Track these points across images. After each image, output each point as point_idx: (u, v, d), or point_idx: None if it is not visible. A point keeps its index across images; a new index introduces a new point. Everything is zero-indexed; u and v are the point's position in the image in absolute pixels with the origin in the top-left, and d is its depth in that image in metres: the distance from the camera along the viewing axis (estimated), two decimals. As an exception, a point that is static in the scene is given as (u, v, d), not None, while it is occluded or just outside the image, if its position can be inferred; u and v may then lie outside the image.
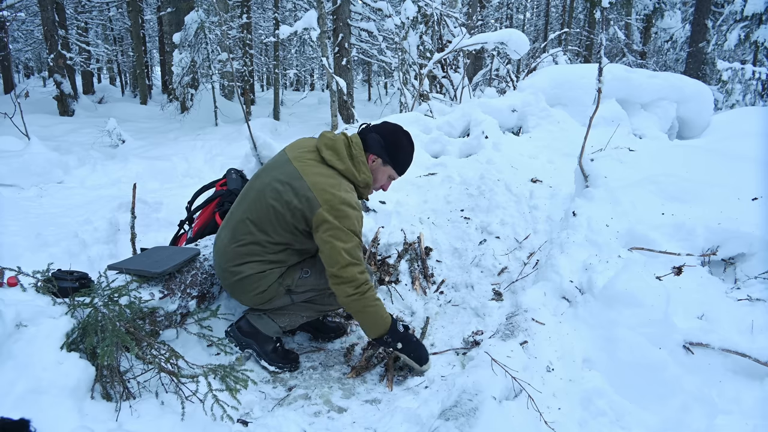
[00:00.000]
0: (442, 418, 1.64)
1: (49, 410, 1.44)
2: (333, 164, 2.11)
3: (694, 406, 1.66)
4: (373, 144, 2.19)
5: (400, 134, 2.24)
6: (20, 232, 3.66)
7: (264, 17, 21.17)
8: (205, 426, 1.70)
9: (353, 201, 2.07)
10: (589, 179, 2.74)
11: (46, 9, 10.98)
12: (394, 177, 2.30)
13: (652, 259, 2.20)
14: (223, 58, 10.61)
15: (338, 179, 2.09)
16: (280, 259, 2.15)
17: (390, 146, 2.21)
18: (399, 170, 2.28)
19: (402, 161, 2.26)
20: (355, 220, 2.04)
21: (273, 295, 2.18)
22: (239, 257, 2.11)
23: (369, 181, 2.18)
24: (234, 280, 2.14)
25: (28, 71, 26.40)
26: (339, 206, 2.01)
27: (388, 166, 2.24)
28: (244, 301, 2.24)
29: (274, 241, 2.10)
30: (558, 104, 4.86)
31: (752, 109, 4.73)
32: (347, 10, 9.86)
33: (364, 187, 2.19)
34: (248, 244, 2.11)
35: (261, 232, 2.09)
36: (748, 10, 10.29)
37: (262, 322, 2.24)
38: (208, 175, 5.62)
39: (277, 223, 2.07)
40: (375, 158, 2.21)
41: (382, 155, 2.20)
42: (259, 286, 2.14)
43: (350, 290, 2.03)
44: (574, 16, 19.60)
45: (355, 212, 2.06)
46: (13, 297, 1.68)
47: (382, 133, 2.22)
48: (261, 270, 2.12)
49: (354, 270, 2.02)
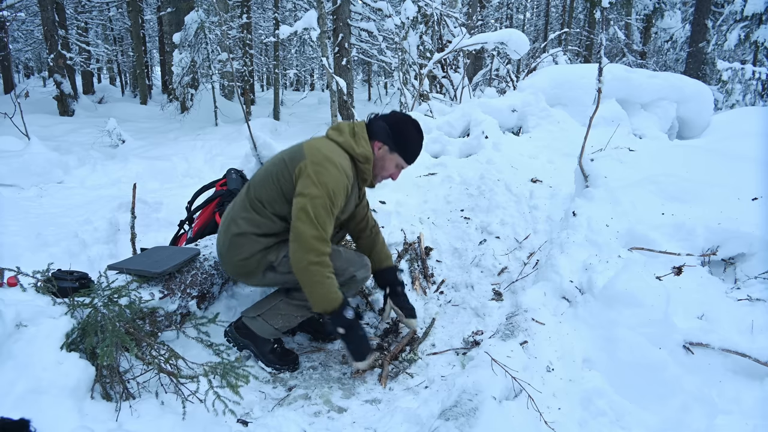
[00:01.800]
0: (442, 418, 1.64)
1: (49, 410, 1.44)
2: (332, 138, 2.17)
3: (694, 406, 1.66)
4: (378, 131, 2.19)
5: (407, 122, 2.23)
6: (20, 232, 3.66)
7: (264, 17, 21.17)
8: (205, 426, 1.70)
9: (340, 164, 2.05)
10: (589, 179, 2.74)
11: (46, 9, 10.98)
12: (403, 165, 2.27)
13: (652, 259, 2.20)
14: (223, 58, 10.61)
15: (334, 146, 2.12)
16: (269, 230, 2.13)
17: (396, 134, 2.20)
18: (407, 158, 2.25)
19: (409, 149, 2.24)
20: (332, 178, 2.00)
21: (254, 267, 2.15)
22: (236, 219, 2.16)
23: (368, 155, 2.16)
24: (227, 242, 2.16)
25: (28, 71, 26.39)
26: (321, 161, 2.01)
27: (395, 154, 2.22)
28: (228, 268, 2.23)
29: (261, 197, 2.12)
30: (558, 104, 4.86)
31: (752, 109, 4.73)
32: (347, 10, 9.86)
33: (364, 162, 2.17)
34: (243, 202, 2.17)
35: (253, 190, 2.15)
36: (748, 10, 10.29)
37: (257, 324, 2.23)
38: (208, 175, 5.62)
39: (267, 181, 2.12)
40: (381, 145, 2.20)
41: (387, 142, 2.19)
42: (242, 251, 2.13)
43: (296, 251, 1.96)
44: (574, 16, 19.60)
45: (338, 174, 2.02)
46: (13, 297, 1.68)
47: (389, 121, 2.22)
48: (249, 231, 2.12)
49: (309, 229, 1.94)
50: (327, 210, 1.98)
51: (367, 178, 2.23)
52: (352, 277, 2.25)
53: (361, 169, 2.19)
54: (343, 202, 2.11)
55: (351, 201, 2.25)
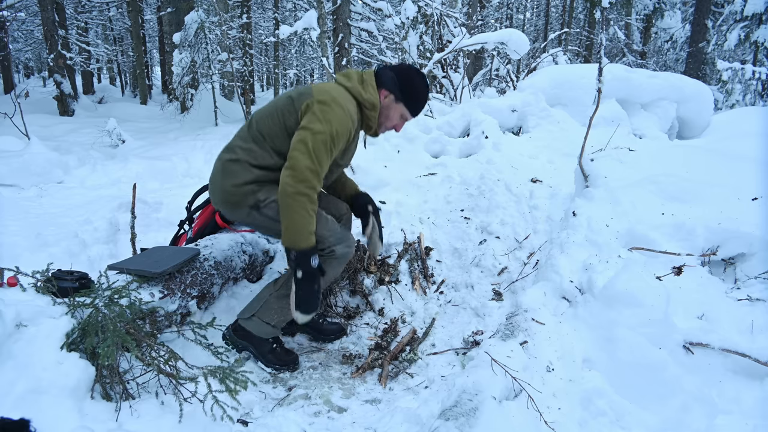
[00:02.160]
0: (442, 418, 1.64)
1: (49, 410, 1.44)
2: (341, 82, 2.17)
3: (694, 406, 1.66)
4: (386, 80, 2.19)
5: (414, 74, 2.22)
6: (20, 232, 3.65)
7: (264, 17, 21.18)
8: (205, 426, 1.70)
9: (346, 106, 2.06)
10: (589, 179, 2.74)
11: (46, 9, 10.98)
12: (407, 117, 2.26)
13: (652, 259, 2.20)
14: (223, 58, 10.61)
15: (342, 90, 2.12)
16: (264, 162, 2.13)
17: (403, 83, 2.19)
18: (412, 109, 2.24)
19: (415, 99, 2.22)
20: (337, 118, 1.99)
21: (242, 198, 2.14)
22: (234, 144, 2.19)
23: (374, 101, 2.16)
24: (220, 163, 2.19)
25: (28, 71, 26.39)
26: (328, 100, 2.01)
27: (401, 104, 2.21)
28: (217, 195, 2.22)
29: (260, 130, 2.13)
30: (558, 104, 4.87)
31: (752, 109, 4.73)
32: (347, 10, 9.86)
33: (370, 108, 2.16)
34: (245, 137, 2.18)
35: (257, 128, 2.16)
36: (748, 10, 10.29)
37: (253, 324, 2.23)
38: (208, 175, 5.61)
39: (270, 115, 2.13)
40: (387, 94, 2.20)
41: (394, 91, 2.19)
42: (234, 178, 2.13)
43: (287, 177, 1.93)
44: (574, 16, 19.60)
45: (342, 113, 2.02)
46: (13, 297, 1.68)
47: (397, 71, 2.22)
48: (241, 158, 2.13)
49: (305, 160, 1.93)
50: (326, 147, 1.98)
51: (371, 126, 2.23)
52: (331, 252, 2.19)
53: (367, 116, 2.19)
54: (344, 145, 2.11)
55: (352, 147, 2.26)
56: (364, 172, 3.49)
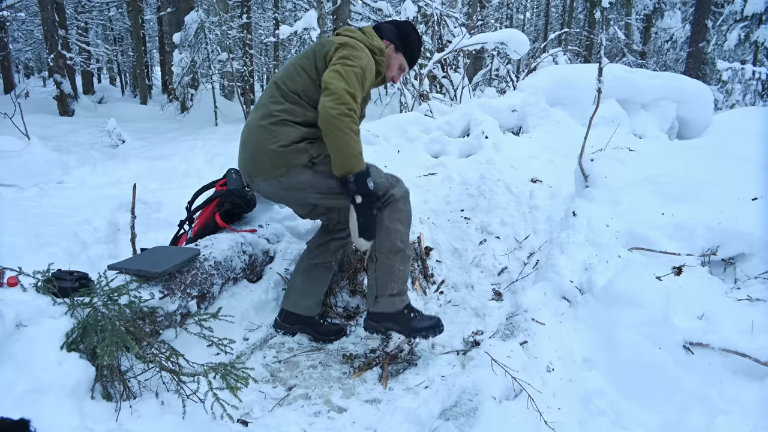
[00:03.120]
0: (442, 418, 1.65)
1: (49, 410, 1.44)
2: (348, 34, 2.27)
3: (694, 406, 1.66)
4: (386, 31, 2.36)
5: (410, 27, 2.42)
6: (20, 232, 3.65)
7: (264, 17, 21.17)
8: (206, 426, 1.70)
9: (365, 49, 2.19)
10: (589, 179, 2.74)
11: (46, 9, 10.98)
12: (404, 68, 2.43)
13: (652, 259, 2.20)
14: (223, 58, 10.61)
15: (356, 38, 2.23)
16: (306, 119, 2.15)
17: (402, 35, 2.38)
18: (409, 59, 2.42)
19: (413, 49, 2.41)
20: (364, 57, 2.12)
21: (294, 157, 2.12)
22: (271, 110, 2.17)
23: (382, 47, 2.29)
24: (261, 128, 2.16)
25: (28, 71, 26.40)
26: (352, 43, 2.14)
27: (400, 54, 2.39)
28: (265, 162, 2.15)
29: (291, 89, 2.17)
30: (558, 104, 4.86)
31: (752, 109, 4.73)
32: (347, 10, 9.86)
33: (379, 54, 2.28)
34: (275, 95, 2.20)
35: (282, 84, 2.19)
36: (748, 10, 10.28)
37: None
38: (208, 175, 5.61)
39: (296, 72, 2.18)
40: (388, 44, 2.36)
41: (395, 41, 2.36)
42: (282, 138, 2.11)
43: (329, 102, 1.94)
44: (574, 16, 19.61)
45: (367, 57, 2.15)
46: (13, 297, 1.68)
47: (394, 23, 2.41)
48: (282, 120, 2.13)
49: (344, 85, 1.98)
50: (358, 78, 2.05)
51: (381, 71, 2.34)
52: (391, 196, 2.21)
53: (377, 61, 2.29)
54: (369, 86, 2.21)
55: (368, 97, 2.39)
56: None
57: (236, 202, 2.85)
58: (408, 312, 2.29)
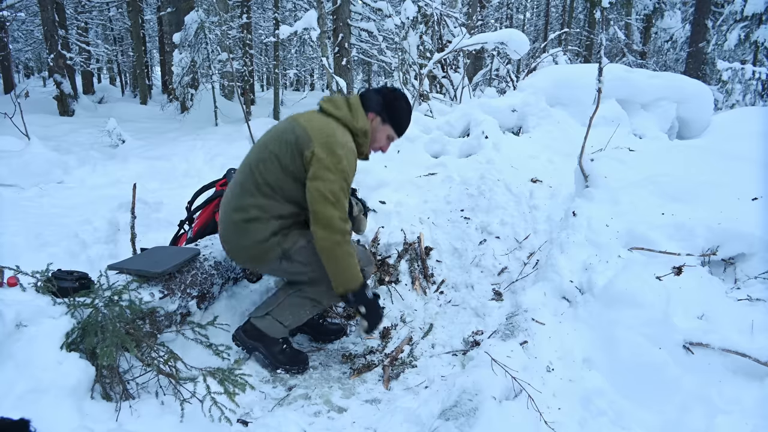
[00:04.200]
0: (442, 418, 1.65)
1: (49, 410, 1.44)
2: (331, 113, 2.18)
3: (694, 406, 1.66)
4: (372, 103, 2.25)
5: (398, 96, 2.30)
6: (20, 232, 3.65)
7: (264, 17, 21.16)
8: (205, 426, 1.70)
9: (348, 144, 2.10)
10: (589, 179, 2.74)
11: (46, 9, 10.98)
12: (393, 138, 2.34)
13: (652, 259, 2.20)
14: (223, 58, 10.60)
15: (335, 125, 2.14)
16: (273, 207, 2.13)
17: (389, 105, 2.27)
18: (398, 130, 2.32)
19: (401, 120, 2.31)
20: (345, 161, 2.05)
21: (267, 253, 2.14)
22: (239, 199, 2.16)
23: (366, 128, 2.21)
24: (233, 229, 2.15)
25: (28, 71, 26.40)
26: (332, 144, 2.04)
27: (387, 125, 2.29)
28: (240, 255, 2.22)
29: (267, 182, 2.11)
30: (558, 104, 4.86)
31: (752, 109, 4.73)
32: (347, 10, 9.86)
33: (362, 136, 2.21)
34: (247, 184, 2.15)
35: (258, 174, 2.12)
36: (748, 10, 10.27)
37: (266, 323, 2.23)
38: (208, 175, 5.62)
39: (271, 163, 2.11)
40: (374, 116, 2.26)
41: (381, 114, 2.26)
42: (255, 235, 2.12)
43: (324, 233, 2.00)
44: (574, 16, 19.60)
45: (349, 154, 2.08)
46: (13, 297, 1.68)
47: (382, 93, 2.29)
48: (257, 217, 2.12)
49: (332, 211, 2.00)
50: (344, 191, 2.05)
51: (363, 151, 2.28)
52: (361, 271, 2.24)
53: (359, 143, 2.23)
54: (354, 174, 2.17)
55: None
56: (364, 173, 3.48)
57: (236, 202, 2.85)
58: (282, 343, 2.29)
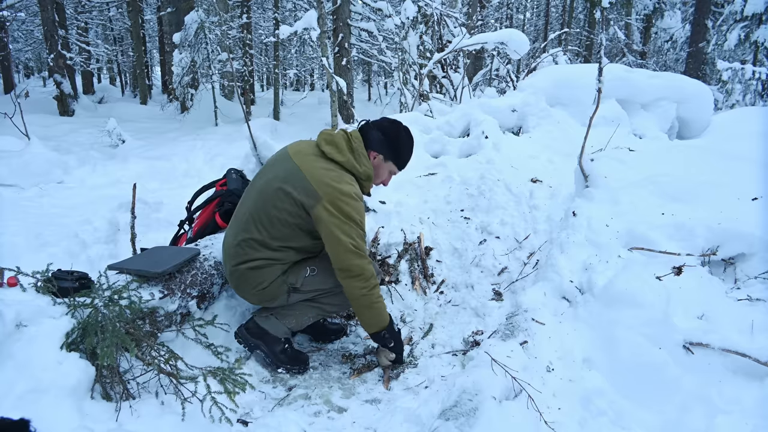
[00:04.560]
0: (442, 418, 1.65)
1: (49, 410, 1.44)
2: (333, 157, 2.11)
3: (694, 406, 1.66)
4: (374, 141, 2.22)
5: (400, 130, 2.28)
6: (20, 232, 3.66)
7: (264, 17, 21.16)
8: (205, 426, 1.70)
9: (355, 193, 2.08)
10: (589, 179, 2.74)
11: (46, 9, 10.98)
12: (395, 172, 2.34)
13: (652, 259, 2.20)
14: (223, 58, 10.61)
15: (339, 172, 2.09)
16: (282, 257, 2.15)
17: (391, 142, 2.24)
18: (400, 165, 2.31)
19: (403, 157, 2.30)
20: (356, 210, 2.05)
21: (276, 293, 2.18)
22: (243, 254, 2.13)
23: (370, 173, 2.19)
24: (238, 276, 2.16)
25: (28, 71, 26.40)
26: (341, 198, 2.02)
27: (390, 162, 2.28)
28: (250, 299, 2.24)
29: (274, 237, 2.11)
30: (558, 104, 4.85)
31: (752, 109, 4.73)
32: (347, 10, 9.86)
33: (366, 179, 2.19)
34: (251, 241, 2.12)
35: (263, 229, 2.10)
36: (748, 10, 10.27)
37: (270, 323, 2.24)
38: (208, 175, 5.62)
39: (277, 220, 2.08)
40: (376, 155, 2.24)
41: (383, 152, 2.24)
42: (261, 282, 2.13)
43: (360, 284, 2.06)
44: (574, 16, 19.60)
45: (358, 204, 2.08)
46: (13, 297, 1.68)
47: (383, 129, 2.24)
48: (263, 265, 2.12)
49: (362, 262, 2.05)
50: (361, 237, 2.08)
51: (366, 192, 2.28)
52: None
53: (362, 185, 2.22)
54: None
55: None
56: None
57: (236, 202, 2.85)
58: (284, 343, 2.29)
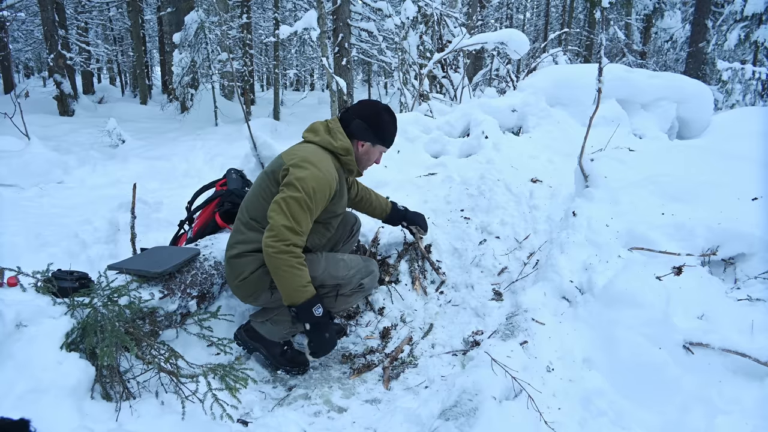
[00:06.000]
0: (442, 418, 1.65)
1: (49, 410, 1.44)
2: (309, 139, 2.23)
3: (694, 406, 1.66)
4: (358, 131, 2.25)
5: (380, 112, 2.28)
6: (20, 232, 3.66)
7: (264, 17, 21.17)
8: (205, 426, 1.70)
9: (318, 162, 2.08)
10: (589, 179, 2.74)
11: (46, 9, 10.98)
12: (384, 150, 2.38)
13: (652, 259, 2.20)
14: (223, 58, 10.61)
15: (312, 148, 2.17)
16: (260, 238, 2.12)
17: (374, 127, 2.26)
18: (387, 145, 2.36)
19: (388, 136, 2.33)
20: (311, 176, 2.02)
21: (257, 287, 2.15)
22: (231, 241, 2.21)
23: (347, 146, 2.22)
24: (225, 267, 2.22)
25: (28, 71, 26.40)
26: (299, 162, 2.07)
27: (378, 146, 2.32)
28: (235, 292, 2.24)
29: (254, 217, 2.15)
30: (558, 104, 4.85)
31: (752, 109, 4.73)
32: (347, 10, 9.86)
33: (345, 153, 2.22)
34: (238, 223, 2.21)
35: (249, 216, 2.18)
36: (748, 10, 10.27)
37: (266, 328, 2.25)
38: (208, 175, 5.62)
39: (259, 200, 2.15)
40: (363, 143, 2.28)
41: (369, 138, 2.27)
42: (242, 272, 2.13)
43: (268, 239, 1.96)
44: (574, 16, 19.60)
45: (316, 171, 2.05)
46: (13, 297, 1.68)
47: (363, 116, 2.25)
48: (243, 252, 2.13)
49: (280, 220, 1.96)
50: (302, 207, 1.99)
51: (353, 169, 2.30)
52: (360, 286, 2.28)
53: (345, 161, 2.24)
54: (330, 197, 2.13)
55: (343, 195, 2.30)
56: (364, 173, 3.48)
57: (236, 202, 2.85)
58: (283, 345, 2.29)
